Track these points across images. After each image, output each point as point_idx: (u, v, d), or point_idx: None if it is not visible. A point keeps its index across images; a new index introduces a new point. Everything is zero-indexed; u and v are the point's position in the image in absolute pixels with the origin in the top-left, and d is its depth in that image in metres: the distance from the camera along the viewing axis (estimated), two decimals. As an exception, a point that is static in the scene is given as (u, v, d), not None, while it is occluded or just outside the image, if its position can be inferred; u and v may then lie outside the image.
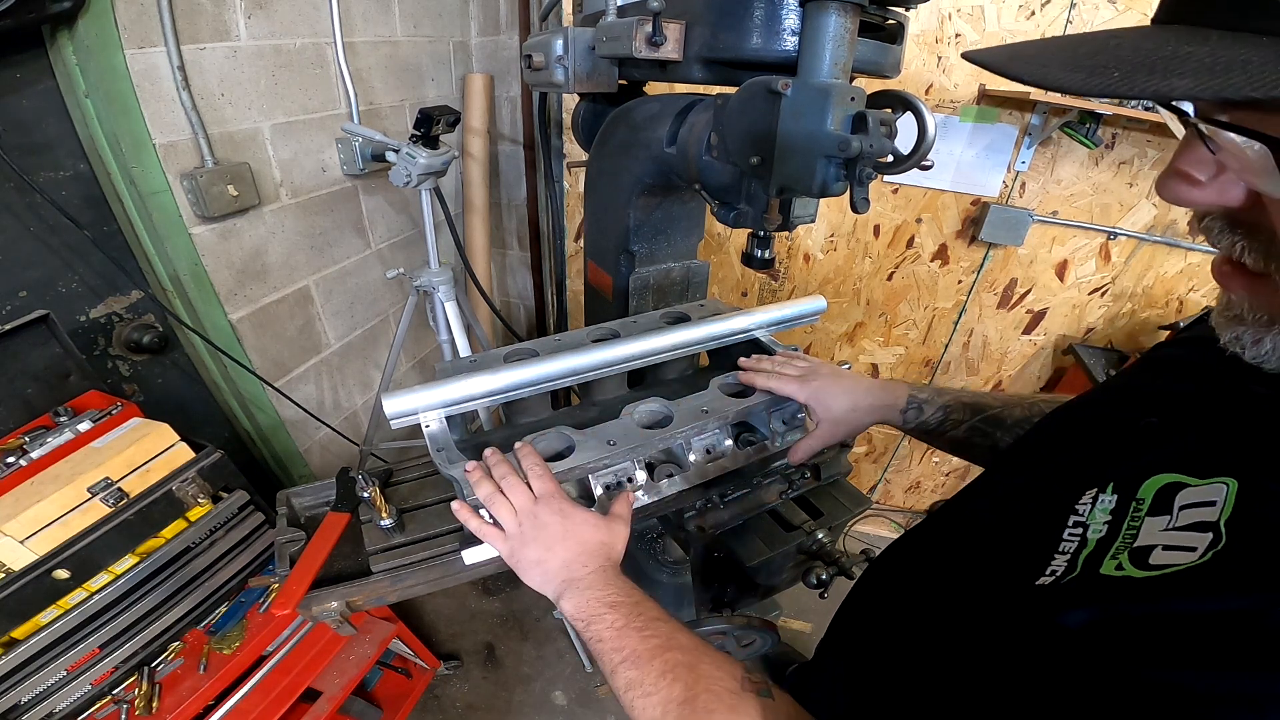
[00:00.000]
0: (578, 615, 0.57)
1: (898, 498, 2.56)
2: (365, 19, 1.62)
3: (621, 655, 0.52)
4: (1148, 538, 0.37)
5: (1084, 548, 0.40)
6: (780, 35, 0.67)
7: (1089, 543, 0.40)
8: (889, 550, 0.67)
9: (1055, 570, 0.40)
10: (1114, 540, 0.38)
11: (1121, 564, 0.36)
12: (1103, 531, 0.39)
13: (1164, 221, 1.70)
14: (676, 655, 0.51)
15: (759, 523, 0.94)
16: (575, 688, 1.88)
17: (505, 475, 0.67)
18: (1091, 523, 0.41)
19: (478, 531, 0.66)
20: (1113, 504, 0.40)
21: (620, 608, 0.56)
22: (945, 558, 0.55)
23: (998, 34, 1.57)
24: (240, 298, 1.45)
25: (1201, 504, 0.35)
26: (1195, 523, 0.35)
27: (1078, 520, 0.41)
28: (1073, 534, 0.41)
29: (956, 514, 0.59)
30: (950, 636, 0.48)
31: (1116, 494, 0.41)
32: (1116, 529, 0.39)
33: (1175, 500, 0.37)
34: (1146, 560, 0.35)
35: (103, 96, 1.10)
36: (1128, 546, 0.37)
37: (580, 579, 0.60)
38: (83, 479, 0.97)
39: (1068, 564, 0.40)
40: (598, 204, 1.11)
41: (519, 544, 0.64)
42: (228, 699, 1.15)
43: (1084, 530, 0.41)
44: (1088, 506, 0.42)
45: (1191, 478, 0.37)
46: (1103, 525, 0.40)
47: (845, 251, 2.00)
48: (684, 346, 0.92)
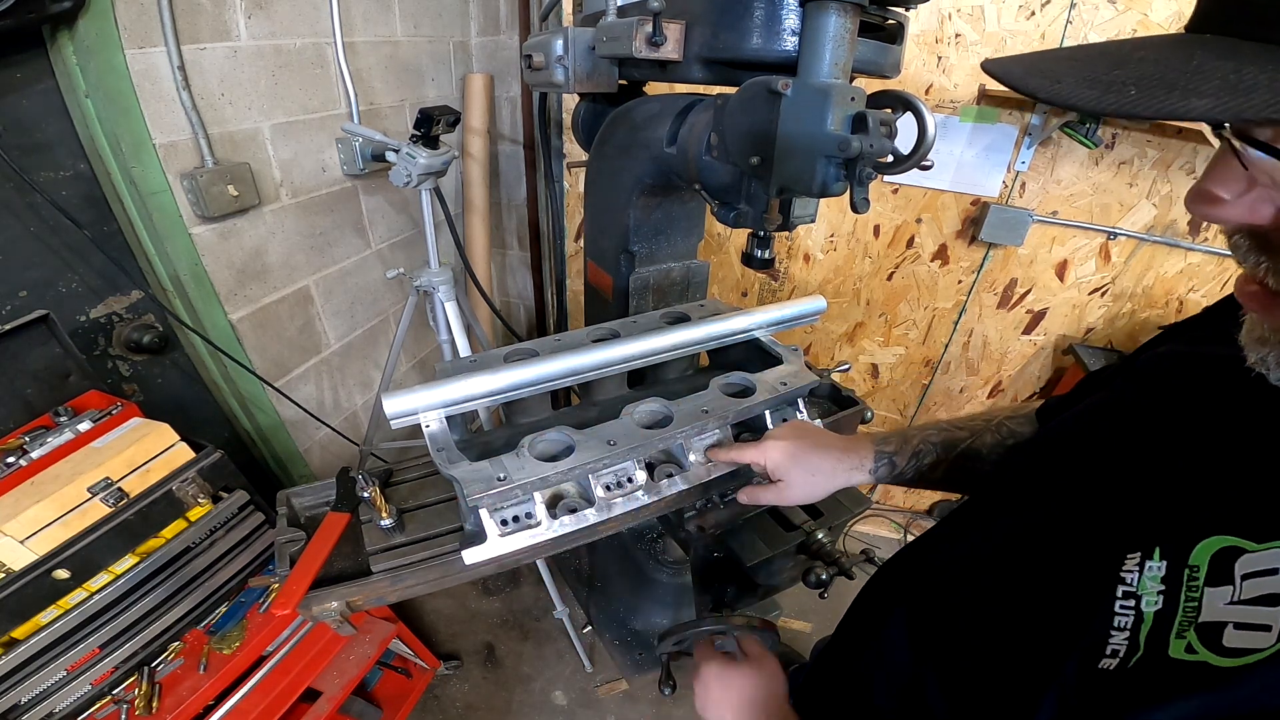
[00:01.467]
0: None
1: (898, 498, 2.56)
2: (365, 19, 1.62)
3: None
4: (1213, 613, 0.33)
5: (1142, 623, 0.36)
6: (780, 35, 0.67)
7: (1146, 617, 0.36)
8: (897, 559, 0.66)
9: (1117, 650, 0.36)
10: (1173, 615, 0.35)
11: (1191, 645, 0.33)
12: (1158, 604, 0.36)
13: (1164, 221, 1.70)
14: None
15: (759, 523, 0.94)
16: (575, 688, 1.88)
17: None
18: (1144, 594, 0.37)
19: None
20: (1163, 571, 0.37)
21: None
22: (969, 597, 0.51)
23: (997, 34, 1.57)
24: (240, 298, 1.45)
25: (1264, 572, 0.32)
26: (1264, 595, 0.32)
27: (1128, 590, 0.38)
28: (1125, 606, 0.37)
29: (973, 541, 0.56)
30: (981, 685, 0.45)
31: (1165, 559, 0.37)
32: (1174, 601, 0.35)
33: (1235, 568, 0.34)
34: (1220, 642, 0.32)
35: (103, 96, 1.10)
36: (1192, 623, 0.34)
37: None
38: (83, 479, 0.97)
39: (1128, 643, 0.36)
40: (598, 204, 1.11)
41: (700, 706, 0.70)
42: (228, 699, 1.15)
43: (1137, 602, 0.37)
44: (1135, 575, 0.38)
45: (1248, 541, 0.34)
46: (1156, 597, 0.36)
47: (845, 251, 2.00)
48: (684, 346, 0.92)
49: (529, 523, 0.72)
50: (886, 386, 2.27)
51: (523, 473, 0.69)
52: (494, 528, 0.71)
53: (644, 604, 1.69)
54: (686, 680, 0.75)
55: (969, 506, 0.62)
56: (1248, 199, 0.33)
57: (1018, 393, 2.15)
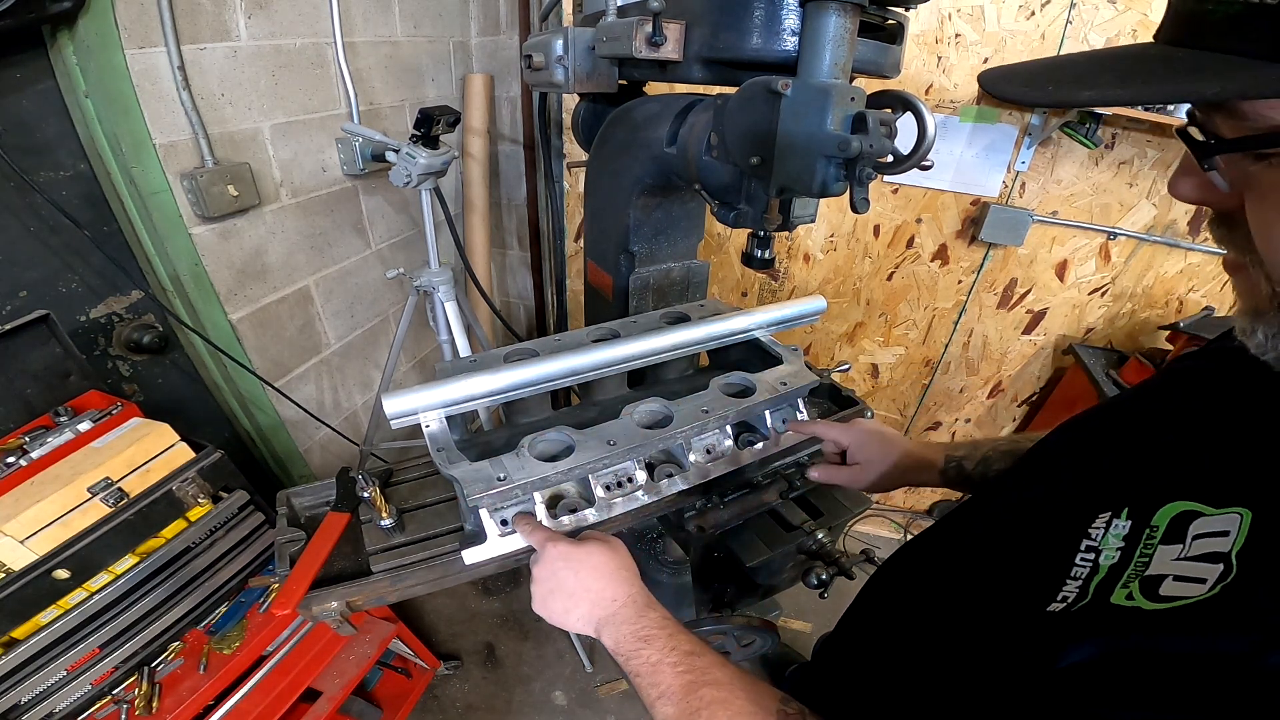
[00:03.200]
0: (615, 651, 0.58)
1: (897, 497, 2.56)
2: (365, 19, 1.62)
3: (658, 691, 0.53)
4: (1160, 567, 0.36)
5: (1096, 574, 0.39)
6: (780, 35, 0.67)
7: (1101, 569, 0.39)
8: (898, 556, 0.67)
9: (1067, 597, 0.40)
10: (1126, 568, 0.38)
11: (1132, 593, 0.36)
12: (1115, 558, 0.39)
13: (1164, 221, 1.70)
14: (711, 691, 0.51)
15: (759, 523, 0.94)
16: (575, 688, 1.88)
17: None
18: (1104, 548, 0.40)
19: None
20: (1126, 529, 0.40)
21: (654, 641, 0.56)
22: (956, 570, 0.54)
23: (997, 34, 1.57)
24: (240, 298, 1.45)
25: (1215, 534, 0.35)
26: (1208, 553, 0.35)
27: (1090, 545, 0.41)
28: (1085, 559, 0.41)
29: (968, 524, 0.59)
30: (959, 654, 0.48)
31: (1131, 519, 0.40)
32: (1129, 556, 0.38)
33: (1189, 529, 0.37)
34: (1157, 591, 0.35)
35: (103, 96, 1.10)
36: (1139, 575, 0.37)
37: (612, 615, 0.60)
38: (83, 479, 0.97)
39: (1079, 590, 0.39)
40: (598, 204, 1.11)
41: (539, 604, 0.64)
42: (228, 699, 1.15)
43: (1096, 556, 0.40)
44: (1101, 531, 0.41)
45: (1207, 506, 0.37)
46: (1115, 551, 0.39)
47: (845, 251, 2.00)
48: (684, 346, 0.92)
49: (529, 523, 0.72)
50: (886, 386, 2.27)
51: (523, 473, 0.69)
52: (494, 528, 0.71)
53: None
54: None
55: (971, 501, 0.63)
56: (1200, 180, 0.37)
57: (1018, 393, 2.15)
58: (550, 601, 0.63)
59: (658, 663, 0.54)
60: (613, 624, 0.59)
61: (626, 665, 0.56)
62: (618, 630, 0.58)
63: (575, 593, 0.62)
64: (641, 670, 0.55)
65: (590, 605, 0.61)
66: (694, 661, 0.53)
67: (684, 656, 0.54)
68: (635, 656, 0.56)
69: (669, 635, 0.56)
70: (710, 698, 0.50)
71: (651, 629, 0.57)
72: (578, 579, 0.62)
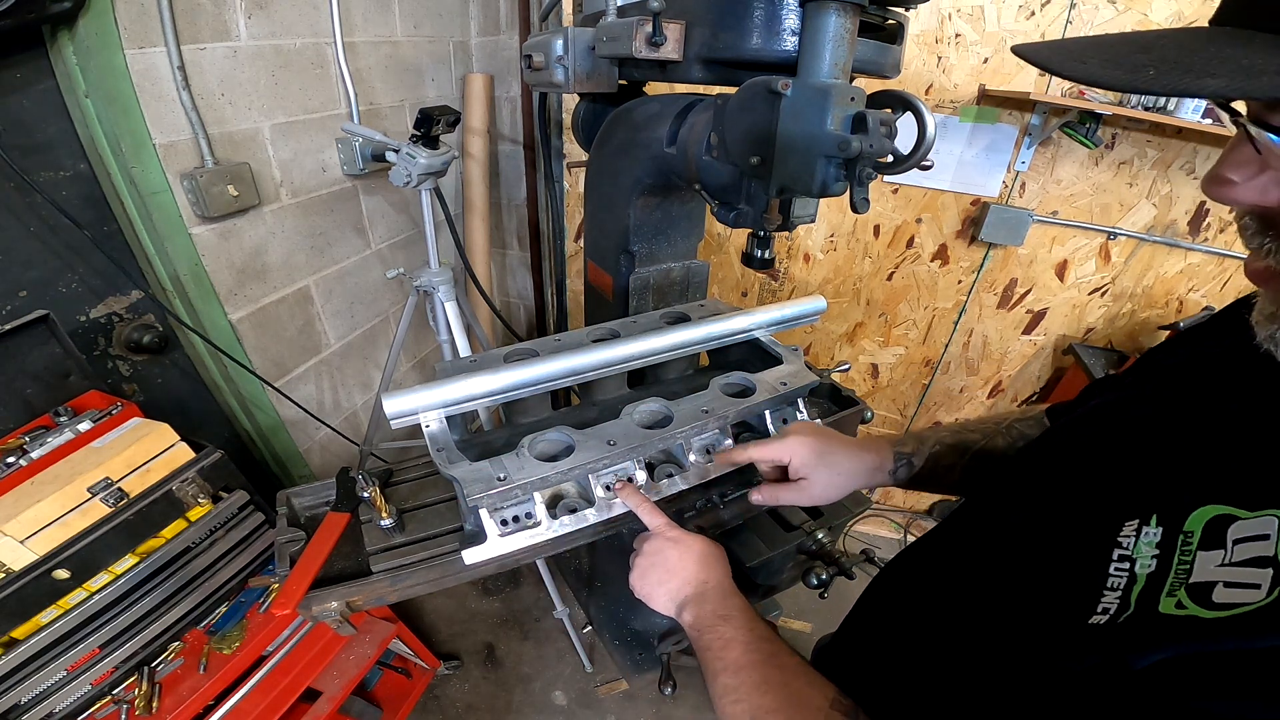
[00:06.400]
0: (693, 625, 0.61)
1: (897, 498, 2.56)
2: (365, 19, 1.62)
3: (724, 663, 0.55)
4: (1204, 574, 0.35)
5: (1134, 584, 0.38)
6: (780, 35, 0.67)
7: (1139, 578, 0.38)
8: (901, 560, 0.67)
9: (1108, 608, 0.39)
10: (1166, 576, 0.37)
11: (1182, 602, 0.35)
12: (1151, 566, 0.38)
13: (1164, 221, 1.70)
14: (774, 672, 0.53)
15: (759, 523, 0.94)
16: (575, 688, 1.88)
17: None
18: (1138, 557, 0.39)
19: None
20: (1158, 537, 0.39)
21: (732, 620, 0.59)
22: (971, 580, 0.54)
23: (997, 34, 1.57)
24: (240, 298, 1.45)
25: (1255, 538, 0.34)
26: (1254, 558, 0.34)
27: (1124, 554, 0.40)
28: (1120, 569, 0.39)
29: (978, 530, 0.58)
30: (978, 662, 0.47)
31: (1161, 526, 0.39)
32: (1167, 564, 0.37)
33: (1228, 534, 0.36)
34: (1210, 598, 0.34)
35: (103, 96, 1.10)
36: (1183, 583, 0.36)
37: (700, 594, 0.63)
38: (83, 479, 0.97)
39: (1119, 601, 0.38)
40: (598, 204, 1.11)
41: (639, 575, 0.68)
42: (228, 699, 1.15)
43: (1132, 565, 0.39)
44: (1131, 539, 0.40)
45: (1241, 510, 0.36)
46: (1150, 560, 0.38)
47: (845, 251, 2.00)
48: (684, 346, 0.92)
49: (529, 523, 0.72)
50: (886, 386, 2.28)
51: (523, 473, 0.69)
52: (494, 528, 0.71)
53: (644, 604, 1.69)
54: (686, 680, 0.75)
55: (975, 504, 0.62)
56: (1259, 182, 0.35)
57: (1018, 393, 2.15)
58: (649, 574, 0.67)
59: (730, 639, 0.57)
60: (697, 602, 0.62)
61: (700, 640, 0.59)
62: (700, 607, 0.61)
63: (675, 570, 0.66)
64: (713, 645, 0.57)
65: (682, 583, 0.65)
66: (764, 646, 0.56)
67: (756, 639, 0.57)
68: (710, 631, 0.59)
69: (747, 619, 0.59)
70: (772, 677, 0.53)
71: (733, 611, 0.60)
72: (680, 560, 0.66)
